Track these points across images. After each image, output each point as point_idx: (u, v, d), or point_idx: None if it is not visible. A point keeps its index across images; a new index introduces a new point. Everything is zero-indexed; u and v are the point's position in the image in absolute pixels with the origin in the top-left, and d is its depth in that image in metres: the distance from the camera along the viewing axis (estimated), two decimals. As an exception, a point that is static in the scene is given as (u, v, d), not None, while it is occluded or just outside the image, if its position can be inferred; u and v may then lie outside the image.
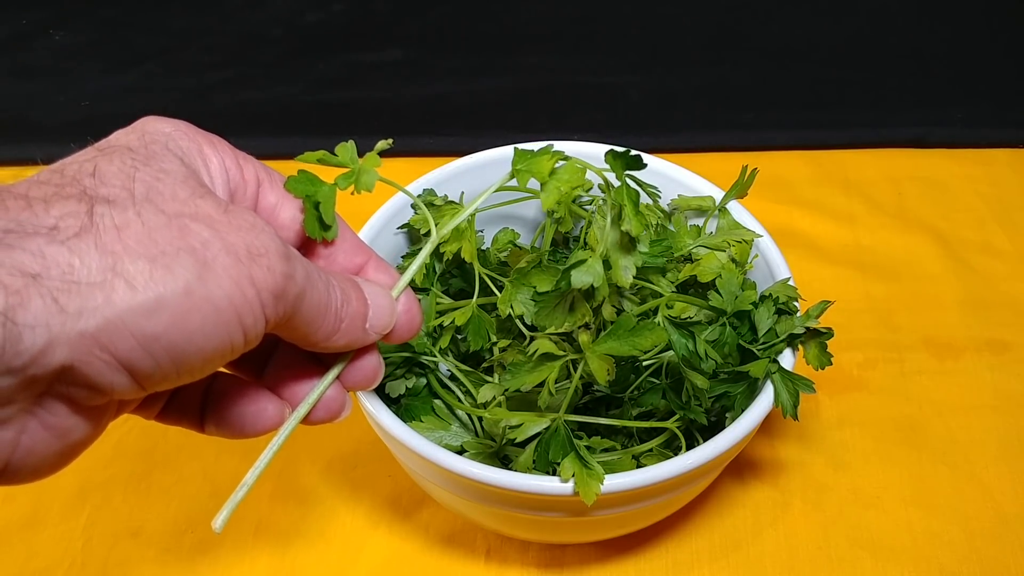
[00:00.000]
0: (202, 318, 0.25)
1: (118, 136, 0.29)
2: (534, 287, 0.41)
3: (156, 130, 0.29)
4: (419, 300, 0.35)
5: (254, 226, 0.27)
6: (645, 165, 0.35)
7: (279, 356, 0.34)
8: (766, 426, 0.53)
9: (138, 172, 0.27)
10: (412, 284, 0.35)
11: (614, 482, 0.37)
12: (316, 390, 0.33)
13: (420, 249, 0.47)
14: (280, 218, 0.33)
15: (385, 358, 0.43)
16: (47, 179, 0.26)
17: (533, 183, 0.36)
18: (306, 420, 0.34)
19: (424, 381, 0.45)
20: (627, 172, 0.36)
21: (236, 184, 0.31)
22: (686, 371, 0.40)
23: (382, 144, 0.34)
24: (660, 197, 0.48)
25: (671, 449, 0.43)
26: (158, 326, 0.24)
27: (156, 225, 0.25)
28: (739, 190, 0.47)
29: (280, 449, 0.33)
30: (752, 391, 0.41)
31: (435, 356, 0.44)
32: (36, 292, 0.23)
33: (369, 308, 0.32)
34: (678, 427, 0.42)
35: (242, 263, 0.26)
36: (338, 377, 0.34)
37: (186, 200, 0.26)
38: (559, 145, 0.37)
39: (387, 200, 0.48)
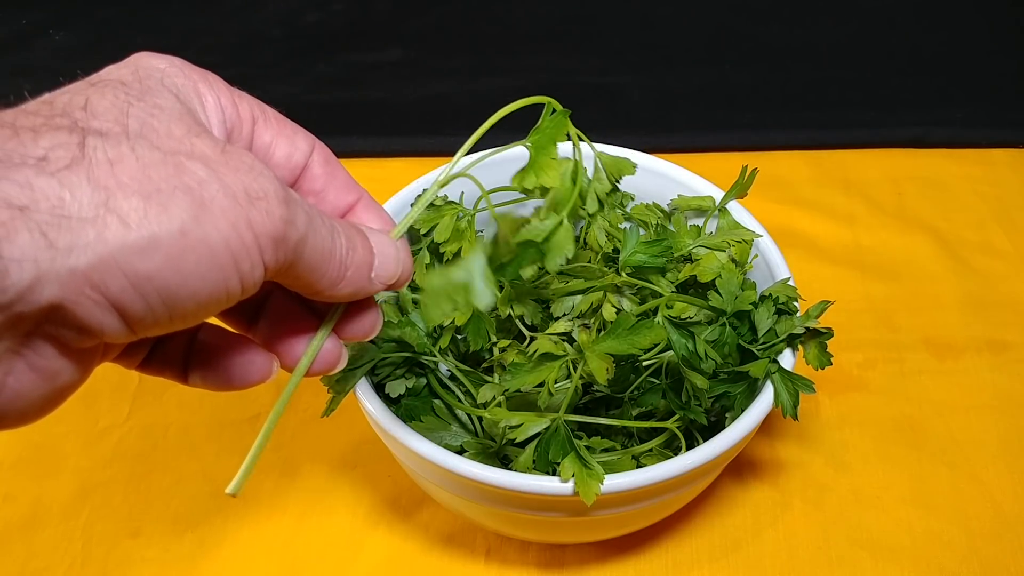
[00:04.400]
0: (197, 260, 0.24)
1: (110, 70, 0.28)
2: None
3: (150, 65, 0.28)
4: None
5: (252, 168, 0.26)
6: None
7: (271, 307, 0.33)
8: (766, 426, 0.53)
9: (132, 107, 0.25)
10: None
11: (614, 482, 0.37)
12: (315, 341, 0.32)
13: (420, 249, 0.47)
14: (275, 157, 0.32)
15: (385, 358, 0.43)
16: (36, 109, 0.25)
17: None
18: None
19: (424, 381, 0.45)
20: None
21: (232, 122, 0.30)
22: (686, 371, 0.40)
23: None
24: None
25: (671, 449, 0.43)
26: (151, 266, 0.23)
27: (151, 161, 0.24)
28: (739, 190, 0.47)
29: (284, 408, 0.32)
30: (752, 391, 0.41)
31: (435, 356, 0.44)
32: (23, 225, 0.22)
33: (375, 257, 0.31)
34: (678, 427, 0.42)
35: (240, 205, 0.25)
36: (335, 328, 0.33)
37: (182, 138, 0.25)
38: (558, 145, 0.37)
39: (385, 201, 0.48)
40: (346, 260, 0.30)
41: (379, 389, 0.43)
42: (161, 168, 0.24)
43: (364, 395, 0.40)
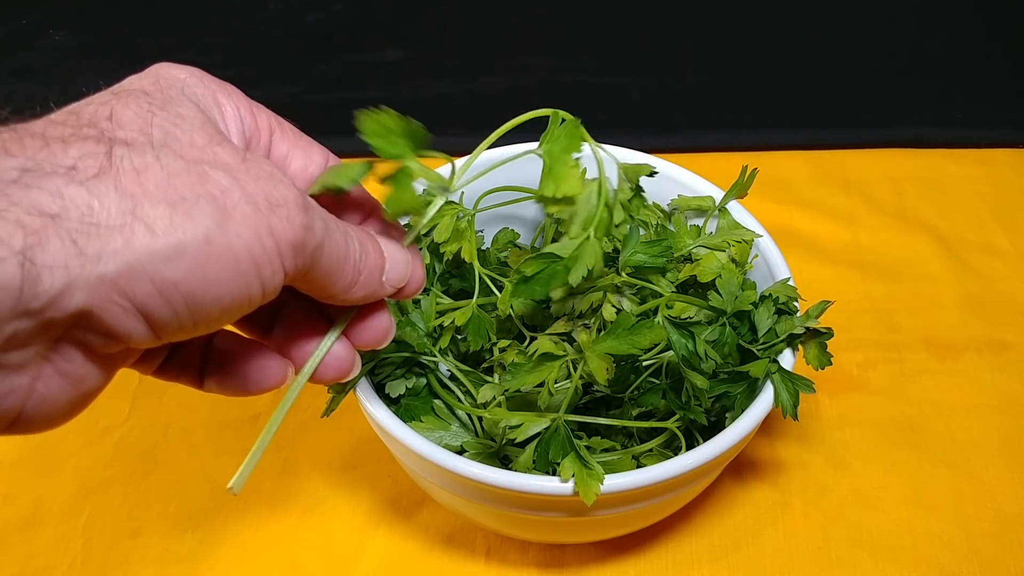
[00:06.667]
0: (221, 267, 0.25)
1: (132, 80, 0.29)
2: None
3: (171, 75, 0.29)
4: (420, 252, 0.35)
5: (272, 175, 0.27)
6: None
7: (287, 314, 0.34)
8: (766, 426, 0.53)
9: (155, 117, 0.26)
10: None
11: (614, 482, 0.37)
12: (323, 345, 0.33)
13: (420, 249, 0.47)
14: (291, 168, 0.33)
15: (385, 358, 0.43)
16: (63, 120, 0.25)
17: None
18: (316, 378, 0.33)
19: (424, 381, 0.45)
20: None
21: (251, 133, 0.31)
22: (686, 371, 0.40)
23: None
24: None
25: (671, 449, 0.43)
26: (177, 273, 0.24)
27: (175, 170, 0.25)
28: (739, 190, 0.47)
29: (289, 411, 0.32)
30: (752, 391, 0.41)
31: (435, 356, 0.44)
32: (55, 233, 0.22)
33: (386, 261, 0.32)
34: (678, 427, 0.42)
35: (261, 213, 0.26)
36: (346, 334, 0.33)
37: (204, 147, 0.26)
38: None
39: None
40: (359, 264, 0.30)
41: (379, 389, 0.43)
42: (185, 176, 0.25)
43: (364, 395, 0.40)
